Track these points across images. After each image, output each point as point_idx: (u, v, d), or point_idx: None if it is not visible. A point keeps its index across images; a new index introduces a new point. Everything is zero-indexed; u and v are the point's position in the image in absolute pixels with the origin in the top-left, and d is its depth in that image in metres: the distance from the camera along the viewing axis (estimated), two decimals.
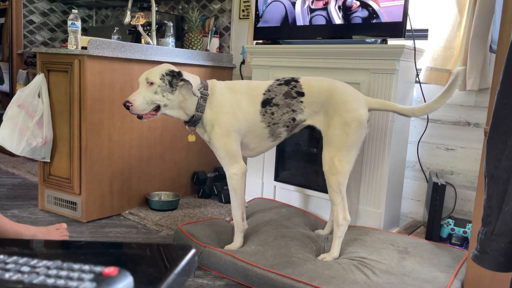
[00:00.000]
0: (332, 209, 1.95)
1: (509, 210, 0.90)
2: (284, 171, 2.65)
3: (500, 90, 0.92)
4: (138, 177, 2.68)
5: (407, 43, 2.16)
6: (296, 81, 1.99)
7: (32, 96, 2.42)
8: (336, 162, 1.90)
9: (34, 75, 3.36)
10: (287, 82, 1.99)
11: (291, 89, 1.97)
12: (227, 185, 3.03)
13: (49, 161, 2.52)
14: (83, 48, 2.35)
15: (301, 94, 1.96)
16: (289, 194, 2.60)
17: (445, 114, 2.37)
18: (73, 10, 2.40)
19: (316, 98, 1.95)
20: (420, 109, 1.94)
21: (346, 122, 1.89)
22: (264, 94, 1.97)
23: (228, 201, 2.85)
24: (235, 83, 2.03)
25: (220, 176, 3.17)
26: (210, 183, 3.11)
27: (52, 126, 2.47)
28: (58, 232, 1.81)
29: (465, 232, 2.15)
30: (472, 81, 2.16)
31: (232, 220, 2.04)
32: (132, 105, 1.77)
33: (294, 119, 1.97)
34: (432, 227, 2.15)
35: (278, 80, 2.02)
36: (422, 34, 2.39)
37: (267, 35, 2.64)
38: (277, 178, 2.65)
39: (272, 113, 1.95)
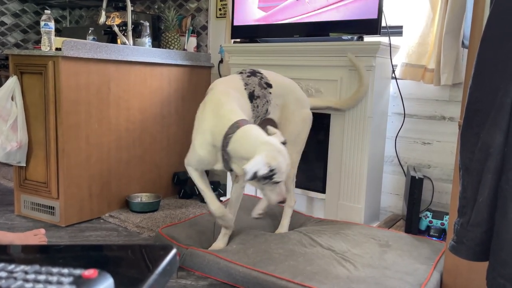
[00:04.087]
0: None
1: (484, 201, 0.92)
2: None
3: (472, 84, 0.94)
4: (118, 179, 2.64)
5: (383, 39, 2.20)
6: (260, 73, 1.99)
7: (5, 99, 2.36)
8: (295, 155, 2.03)
9: (6, 77, 3.28)
10: (253, 73, 1.98)
11: (260, 79, 1.96)
12: None
13: (24, 165, 2.46)
14: (57, 49, 2.30)
15: (270, 85, 1.98)
16: None
17: (421, 109, 2.42)
18: (45, 11, 2.34)
19: (280, 92, 2.00)
20: (343, 102, 2.24)
21: (304, 118, 2.08)
22: (245, 89, 1.93)
23: None
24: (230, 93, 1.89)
25: None
26: (191, 183, 3.09)
27: (27, 129, 2.41)
28: (36, 237, 1.78)
29: (442, 224, 2.19)
30: (446, 76, 2.21)
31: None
32: None
33: (267, 111, 1.98)
34: (411, 220, 2.19)
35: (242, 72, 1.98)
36: (397, 30, 2.43)
37: (245, 33, 2.64)
38: None
39: (257, 106, 1.93)
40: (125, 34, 2.93)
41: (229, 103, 1.76)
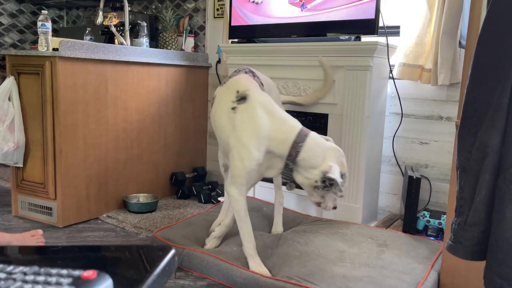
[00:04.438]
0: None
1: (481, 201, 0.92)
2: None
3: (469, 84, 0.95)
4: (115, 179, 2.64)
5: (380, 39, 2.20)
6: (253, 71, 1.97)
7: (2, 100, 2.36)
8: None
9: (3, 78, 3.27)
10: (252, 72, 1.95)
11: (257, 79, 1.95)
12: (206, 185, 3.03)
13: (22, 166, 2.45)
14: (54, 49, 2.30)
15: (262, 84, 1.96)
16: (269, 192, 2.61)
17: (418, 108, 2.42)
18: (42, 11, 2.34)
19: (268, 90, 1.99)
20: (307, 97, 2.35)
21: None
22: (260, 89, 1.88)
23: (207, 201, 2.84)
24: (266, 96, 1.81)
25: (199, 176, 3.16)
26: (189, 183, 3.09)
27: (24, 130, 2.41)
28: (34, 238, 1.77)
29: (440, 224, 2.20)
30: (443, 76, 2.21)
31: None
32: None
33: None
34: (409, 220, 2.19)
35: (247, 72, 1.93)
36: (394, 30, 2.43)
37: (243, 33, 2.64)
38: None
39: None
40: (123, 34, 2.92)
41: (279, 108, 1.73)
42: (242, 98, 1.73)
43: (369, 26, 2.17)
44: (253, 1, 2.55)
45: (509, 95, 0.88)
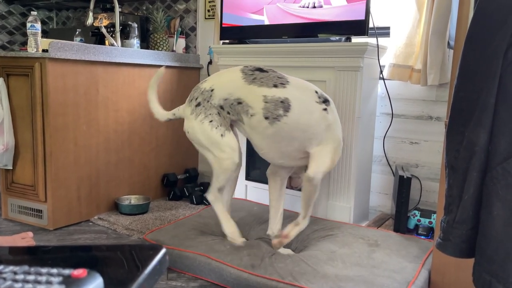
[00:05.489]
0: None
1: (469, 199, 0.94)
2: (254, 170, 2.66)
3: (457, 84, 0.96)
4: (107, 181, 2.62)
5: (370, 40, 2.22)
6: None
7: None
8: None
9: None
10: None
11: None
12: (198, 187, 3.03)
13: (11, 168, 2.43)
14: (44, 51, 2.28)
15: None
16: (261, 193, 2.62)
17: (408, 109, 2.45)
18: (32, 12, 2.32)
19: None
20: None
21: None
22: None
23: (199, 202, 2.84)
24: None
25: (191, 177, 3.15)
26: (180, 185, 3.08)
27: (13, 132, 2.39)
28: (24, 241, 1.75)
29: (430, 223, 2.22)
30: (432, 77, 2.24)
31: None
32: None
33: None
34: (400, 219, 2.21)
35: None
36: (384, 31, 2.45)
37: (234, 34, 2.64)
38: (248, 177, 2.66)
39: None
40: (113, 35, 2.91)
41: None
42: (326, 100, 1.86)
43: (359, 27, 2.18)
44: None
45: (496, 94, 0.89)
